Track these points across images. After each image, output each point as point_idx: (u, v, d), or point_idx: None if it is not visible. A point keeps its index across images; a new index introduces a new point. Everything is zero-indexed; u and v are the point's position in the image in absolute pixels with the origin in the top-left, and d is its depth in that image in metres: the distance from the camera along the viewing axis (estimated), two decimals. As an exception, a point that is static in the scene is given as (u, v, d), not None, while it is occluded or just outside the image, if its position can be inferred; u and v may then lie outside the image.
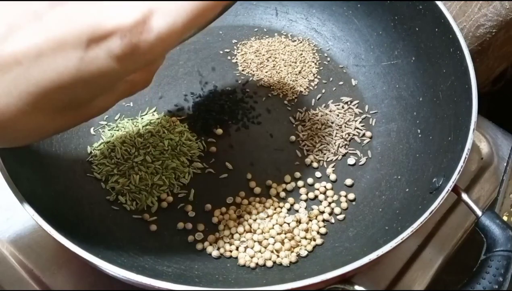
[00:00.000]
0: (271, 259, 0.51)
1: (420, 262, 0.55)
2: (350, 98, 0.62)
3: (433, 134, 0.55)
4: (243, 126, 0.60)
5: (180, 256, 0.51)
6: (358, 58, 0.65)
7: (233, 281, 0.49)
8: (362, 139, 0.59)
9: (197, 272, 0.49)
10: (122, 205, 0.54)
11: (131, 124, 0.58)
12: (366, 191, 0.56)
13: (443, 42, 0.56)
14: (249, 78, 0.64)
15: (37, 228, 0.53)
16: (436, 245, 0.56)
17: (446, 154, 0.51)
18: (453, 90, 0.54)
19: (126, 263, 0.46)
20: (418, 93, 0.59)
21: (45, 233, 0.42)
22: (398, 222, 0.50)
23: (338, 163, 0.58)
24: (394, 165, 0.57)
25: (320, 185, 0.56)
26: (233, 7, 0.69)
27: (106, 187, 0.55)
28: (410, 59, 0.60)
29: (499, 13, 0.60)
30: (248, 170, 0.57)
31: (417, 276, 0.55)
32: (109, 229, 0.51)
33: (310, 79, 0.64)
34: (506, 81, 0.74)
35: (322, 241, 0.52)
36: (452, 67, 0.54)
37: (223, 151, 0.58)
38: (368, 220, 0.53)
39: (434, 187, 0.48)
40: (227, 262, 0.51)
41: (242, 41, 0.67)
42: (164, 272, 0.48)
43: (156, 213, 0.54)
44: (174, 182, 0.55)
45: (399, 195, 0.53)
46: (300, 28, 0.68)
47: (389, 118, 0.60)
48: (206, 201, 0.55)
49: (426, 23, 0.58)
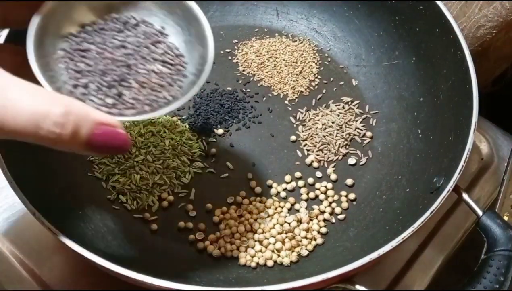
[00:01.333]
0: (272, 258, 0.51)
1: (420, 262, 0.56)
2: (350, 99, 0.62)
3: (433, 135, 0.55)
4: (244, 126, 0.60)
5: (181, 255, 0.51)
6: (359, 58, 0.65)
7: (233, 281, 0.49)
8: (362, 140, 0.59)
9: (198, 271, 0.49)
10: (123, 204, 0.54)
11: (131, 124, 0.58)
12: (366, 190, 0.56)
13: (443, 42, 0.56)
14: (250, 78, 0.64)
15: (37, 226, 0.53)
16: (436, 245, 0.57)
17: (447, 154, 0.51)
18: (454, 90, 0.54)
19: (127, 262, 0.46)
20: (418, 94, 0.59)
21: (45, 232, 0.42)
22: (398, 221, 0.50)
23: (338, 162, 0.58)
24: (395, 165, 0.57)
25: (321, 185, 0.56)
26: (234, 7, 0.69)
27: (107, 186, 0.55)
28: (410, 59, 0.61)
29: (499, 13, 0.60)
30: (249, 170, 0.57)
31: (418, 276, 0.55)
32: (110, 228, 0.51)
33: (310, 79, 0.64)
34: (506, 82, 0.74)
35: (322, 241, 0.52)
36: (453, 67, 0.54)
37: (223, 150, 0.58)
38: (368, 219, 0.53)
39: (435, 187, 0.48)
40: (228, 262, 0.51)
41: (242, 41, 0.67)
42: (164, 271, 0.48)
43: (157, 212, 0.54)
44: (175, 181, 0.55)
45: (399, 195, 0.53)
46: (301, 28, 0.68)
47: (390, 118, 0.60)
48: (207, 201, 0.55)
49: (426, 23, 0.58)
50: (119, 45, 0.41)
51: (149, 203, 0.54)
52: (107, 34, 0.41)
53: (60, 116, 0.32)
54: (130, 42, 0.41)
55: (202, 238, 0.52)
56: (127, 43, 0.41)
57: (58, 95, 0.34)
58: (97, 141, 0.34)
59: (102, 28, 0.41)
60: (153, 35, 0.43)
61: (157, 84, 0.41)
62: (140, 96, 0.40)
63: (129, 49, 0.41)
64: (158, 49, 0.42)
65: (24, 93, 0.32)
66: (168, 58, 0.42)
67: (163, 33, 0.43)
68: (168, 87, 0.41)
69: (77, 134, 0.33)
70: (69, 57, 0.40)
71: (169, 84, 0.41)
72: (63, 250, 0.52)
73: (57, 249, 0.53)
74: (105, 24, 0.42)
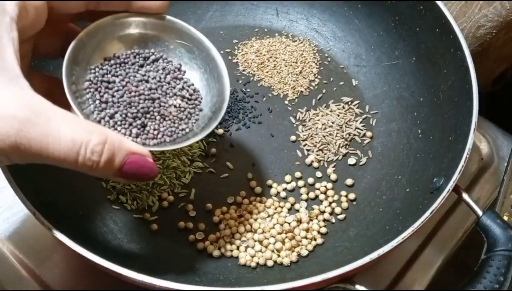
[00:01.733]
0: (272, 258, 0.51)
1: (420, 262, 0.56)
2: (350, 99, 0.62)
3: (433, 135, 0.55)
4: (244, 126, 0.60)
5: (181, 255, 0.51)
6: (359, 58, 0.65)
7: (234, 281, 0.49)
8: (362, 140, 0.59)
9: (198, 271, 0.49)
10: (123, 204, 0.54)
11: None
12: (366, 190, 0.56)
13: (443, 42, 0.56)
14: (250, 78, 0.64)
15: (37, 226, 0.53)
16: (436, 245, 0.57)
17: (447, 153, 0.51)
18: (454, 90, 0.54)
19: (127, 262, 0.46)
20: (418, 94, 0.59)
21: (45, 232, 0.42)
22: (398, 221, 0.50)
23: (338, 162, 0.58)
24: (395, 165, 0.57)
25: (321, 185, 0.56)
26: (234, 7, 0.69)
27: (107, 186, 0.55)
28: (410, 59, 0.61)
29: (499, 13, 0.60)
30: (249, 170, 0.57)
31: (418, 275, 0.55)
32: (110, 228, 0.51)
33: (310, 79, 0.64)
34: (506, 82, 0.74)
35: (322, 241, 0.52)
36: (453, 67, 0.54)
37: (223, 150, 0.58)
38: (368, 219, 0.53)
39: (435, 187, 0.48)
40: (228, 262, 0.51)
41: (242, 41, 0.67)
42: (165, 271, 0.48)
43: (157, 212, 0.54)
44: (175, 181, 0.55)
45: (399, 195, 0.53)
46: (301, 28, 0.68)
47: (390, 118, 0.60)
48: (207, 201, 0.55)
49: (426, 23, 0.58)
50: (142, 79, 0.44)
51: (149, 203, 0.54)
52: (129, 68, 0.45)
53: (98, 145, 0.35)
54: (152, 77, 0.45)
55: (202, 238, 0.52)
56: (150, 78, 0.45)
57: (94, 124, 0.36)
58: (128, 169, 0.37)
59: (124, 62, 0.45)
60: (172, 71, 0.46)
61: (176, 117, 0.45)
62: (161, 128, 0.44)
63: (151, 83, 0.44)
64: (177, 85, 0.46)
65: (65, 122, 0.34)
66: (186, 93, 0.46)
67: (180, 70, 0.47)
68: (186, 120, 0.45)
69: (112, 162, 0.36)
70: (95, 88, 0.43)
71: (187, 118, 0.45)
72: (63, 250, 0.53)
73: (57, 249, 0.53)
74: (127, 58, 0.45)
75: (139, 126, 0.43)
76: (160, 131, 0.43)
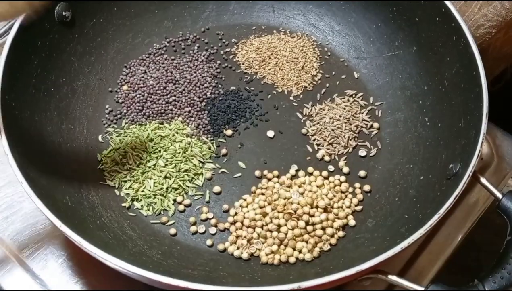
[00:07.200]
0: (293, 255, 0.51)
1: (432, 246, 0.56)
2: (354, 91, 0.63)
3: (441, 122, 0.56)
4: (252, 125, 0.60)
5: (203, 258, 0.51)
6: (359, 51, 0.65)
7: (259, 279, 0.49)
8: (370, 131, 0.60)
9: (223, 273, 0.49)
10: (139, 211, 0.53)
11: (138, 129, 0.57)
12: (380, 181, 0.56)
13: (445, 30, 0.56)
14: (253, 76, 0.64)
15: (36, 226, 0.54)
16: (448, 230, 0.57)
17: (459, 140, 0.52)
18: (459, 77, 0.55)
19: (152, 269, 0.46)
20: (422, 83, 0.60)
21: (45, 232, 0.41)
22: (417, 209, 0.50)
23: (349, 155, 0.58)
24: (405, 154, 0.57)
25: (335, 178, 0.56)
26: (230, 6, 0.69)
27: (121, 194, 0.54)
28: (411, 49, 0.61)
29: (499, 13, 0.60)
30: (262, 168, 0.57)
31: (430, 258, 0.55)
32: (129, 235, 0.51)
33: (313, 74, 0.64)
34: (506, 82, 0.74)
35: (343, 234, 0.52)
36: (457, 54, 0.55)
37: (234, 150, 0.58)
38: (385, 209, 0.54)
39: (452, 173, 0.49)
40: (250, 261, 0.51)
41: (242, 40, 0.66)
42: (190, 275, 0.47)
43: (174, 216, 0.53)
44: (189, 184, 0.55)
45: (414, 183, 0.54)
46: (298, 24, 0.68)
47: (395, 108, 0.61)
48: (222, 201, 0.54)
49: (426, 13, 0.58)
50: None
51: (164, 208, 0.53)
52: None
53: None
54: None
55: (221, 239, 0.52)
56: None
57: None
58: None
59: None
60: None
61: None
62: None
63: None
64: None
65: None
66: None
67: None
68: None
69: None
70: None
71: None
72: (63, 250, 0.53)
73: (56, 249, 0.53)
74: None
75: None
76: None
